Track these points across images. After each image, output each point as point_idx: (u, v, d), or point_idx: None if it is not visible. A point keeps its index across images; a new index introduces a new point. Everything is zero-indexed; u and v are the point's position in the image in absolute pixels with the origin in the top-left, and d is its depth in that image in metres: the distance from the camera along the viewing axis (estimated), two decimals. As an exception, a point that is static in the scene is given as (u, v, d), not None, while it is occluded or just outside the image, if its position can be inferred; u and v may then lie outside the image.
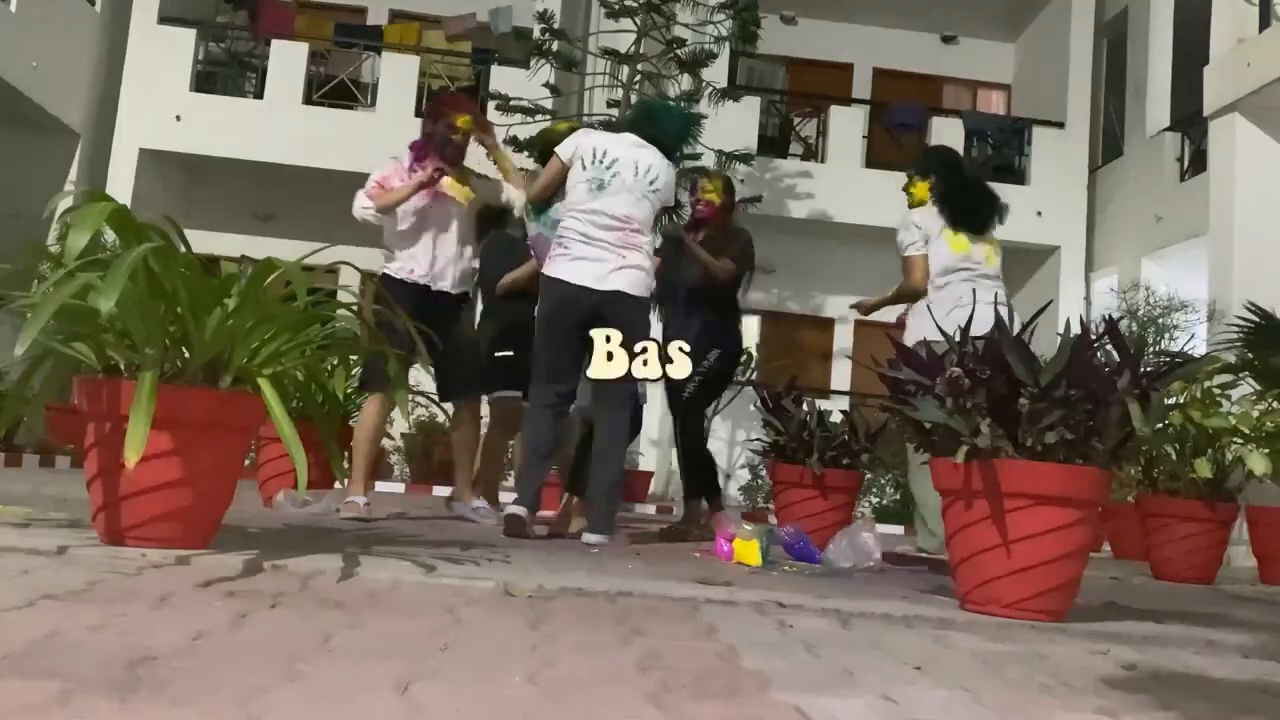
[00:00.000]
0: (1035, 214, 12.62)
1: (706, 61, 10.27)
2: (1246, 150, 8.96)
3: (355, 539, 3.36)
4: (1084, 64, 13.18)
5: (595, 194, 4.16)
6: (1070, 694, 1.77)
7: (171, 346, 2.65)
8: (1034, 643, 2.33)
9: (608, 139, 4.31)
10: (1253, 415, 5.12)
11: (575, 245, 4.14)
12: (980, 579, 2.77)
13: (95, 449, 2.61)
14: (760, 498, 11.09)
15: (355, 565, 2.55)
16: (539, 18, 10.62)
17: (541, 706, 1.36)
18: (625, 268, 4.14)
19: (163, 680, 1.31)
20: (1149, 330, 9.53)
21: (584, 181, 4.18)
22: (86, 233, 2.42)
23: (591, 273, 4.11)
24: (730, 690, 1.55)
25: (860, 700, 1.56)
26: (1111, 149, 13.01)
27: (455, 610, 2.10)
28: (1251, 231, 8.79)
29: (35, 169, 10.89)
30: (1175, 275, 10.65)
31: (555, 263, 4.17)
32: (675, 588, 2.66)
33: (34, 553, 2.37)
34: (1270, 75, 8.37)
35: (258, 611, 1.88)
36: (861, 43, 14.49)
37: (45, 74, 10.52)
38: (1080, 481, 2.75)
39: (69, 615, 1.70)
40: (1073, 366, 2.75)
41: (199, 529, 2.64)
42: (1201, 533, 5.19)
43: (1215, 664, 2.29)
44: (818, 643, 2.07)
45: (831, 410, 5.53)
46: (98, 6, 11.78)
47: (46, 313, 2.33)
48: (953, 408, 2.83)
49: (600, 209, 4.14)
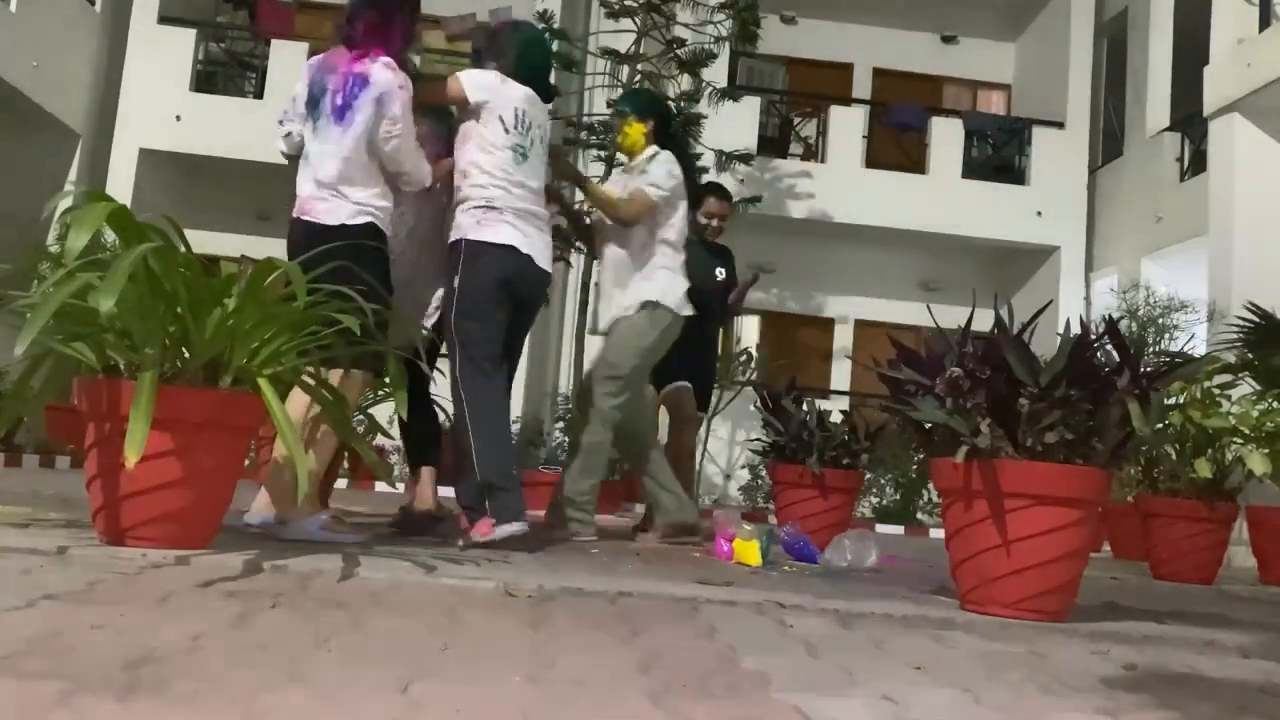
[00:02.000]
0: (1035, 214, 12.63)
1: (706, 61, 10.26)
2: (1246, 150, 8.96)
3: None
4: (1084, 64, 13.18)
5: (519, 164, 3.74)
6: (1070, 694, 1.77)
7: (171, 346, 2.65)
8: (1034, 643, 2.33)
9: (521, 97, 3.80)
10: (1253, 415, 5.12)
11: (509, 215, 3.70)
12: (980, 579, 2.77)
13: (95, 449, 2.61)
14: (760, 498, 11.09)
15: (355, 565, 2.55)
16: (539, 18, 10.61)
17: (541, 706, 1.36)
18: (548, 247, 3.88)
19: (163, 680, 1.31)
20: (1149, 330, 9.53)
21: (507, 148, 3.72)
22: (86, 233, 2.42)
23: (540, 246, 3.78)
24: (730, 690, 1.55)
25: (860, 700, 1.56)
26: (1111, 149, 13.01)
27: (455, 610, 2.10)
28: (1251, 231, 8.79)
29: (35, 169, 10.89)
30: (1175, 275, 10.64)
31: (498, 228, 3.67)
32: (675, 588, 2.66)
33: (34, 553, 2.37)
34: (1270, 75, 8.37)
35: (258, 611, 1.88)
36: (861, 43, 14.49)
37: (45, 74, 10.52)
38: (1080, 481, 2.75)
39: (69, 615, 1.70)
40: (1073, 366, 2.75)
41: (199, 529, 2.64)
42: (1201, 533, 5.19)
43: (1215, 664, 2.29)
44: (818, 643, 2.07)
45: (831, 410, 5.53)
46: (98, 6, 11.78)
47: (46, 313, 2.33)
48: (953, 408, 2.83)
49: (523, 180, 3.75)
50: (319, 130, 3.40)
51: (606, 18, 10.65)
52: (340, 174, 3.34)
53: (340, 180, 3.34)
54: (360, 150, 3.36)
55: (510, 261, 3.67)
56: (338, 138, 3.36)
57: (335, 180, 3.34)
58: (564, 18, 11.47)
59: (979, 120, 13.69)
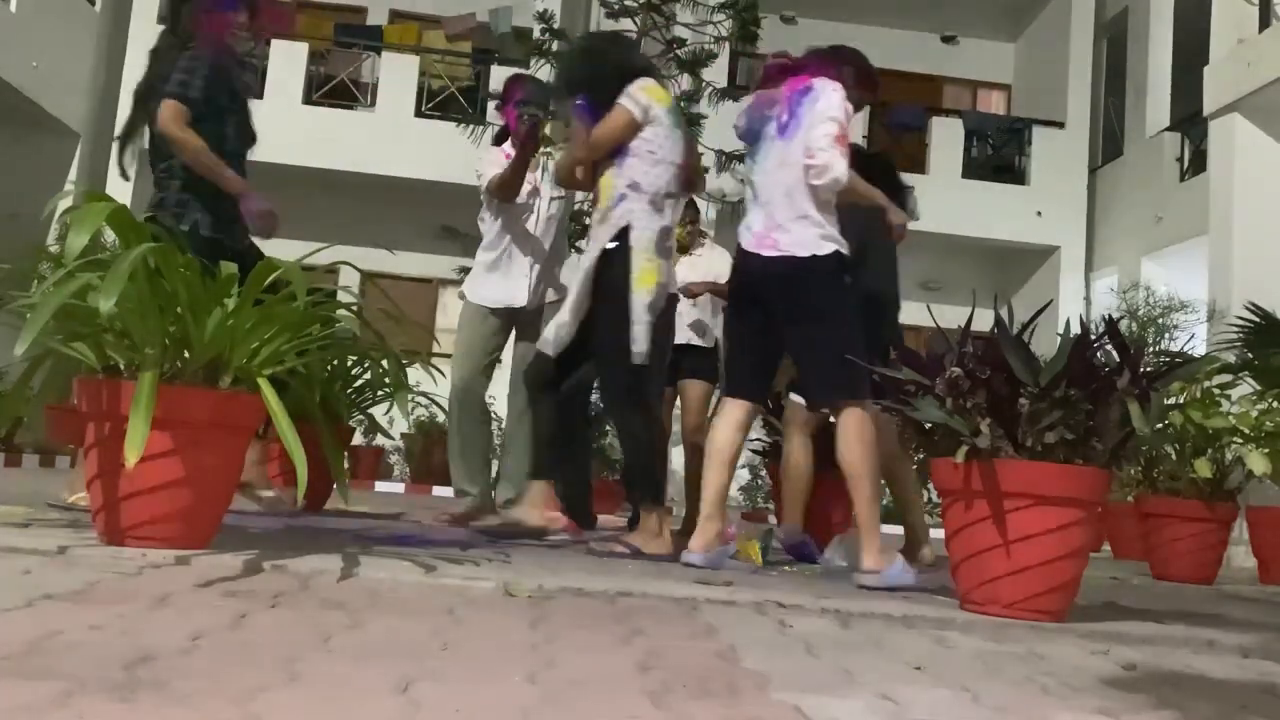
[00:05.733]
0: (1035, 214, 12.64)
1: (706, 61, 10.26)
2: (1246, 150, 8.96)
3: (355, 539, 3.36)
4: (1084, 64, 13.19)
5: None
6: (1070, 694, 1.76)
7: (171, 346, 2.64)
8: (1034, 643, 2.33)
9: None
10: (1252, 415, 5.12)
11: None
12: (980, 579, 2.77)
13: (95, 449, 2.61)
14: (760, 498, 11.09)
15: (355, 565, 2.55)
16: (539, 18, 10.62)
17: (541, 706, 1.36)
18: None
19: (163, 680, 1.31)
20: (1149, 330, 9.54)
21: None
22: (86, 233, 2.42)
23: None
24: (730, 690, 1.55)
25: (860, 700, 1.56)
26: (1111, 149, 13.02)
27: (455, 610, 2.09)
28: (1251, 231, 8.79)
29: (35, 169, 10.89)
30: (1175, 275, 10.66)
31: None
32: (675, 588, 2.66)
33: (34, 553, 2.37)
34: (1270, 75, 8.37)
35: (258, 611, 1.88)
36: (861, 43, 14.39)
37: (45, 74, 10.52)
38: (1080, 481, 2.75)
39: (69, 615, 1.70)
40: (1073, 366, 2.75)
41: (199, 529, 2.64)
42: (1201, 533, 5.19)
43: (1215, 664, 2.29)
44: (818, 643, 2.07)
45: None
46: (98, 6, 11.79)
47: (46, 313, 2.33)
48: (953, 408, 2.83)
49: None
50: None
51: (606, 18, 10.65)
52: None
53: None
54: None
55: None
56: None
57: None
58: (564, 18, 11.49)
59: (979, 120, 13.70)
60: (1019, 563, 2.70)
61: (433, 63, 12.90)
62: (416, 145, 11.65)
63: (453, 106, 12.44)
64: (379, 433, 4.87)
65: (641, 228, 3.69)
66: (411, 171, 11.66)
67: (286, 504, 4.21)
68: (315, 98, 12.31)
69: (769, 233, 3.46)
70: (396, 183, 11.94)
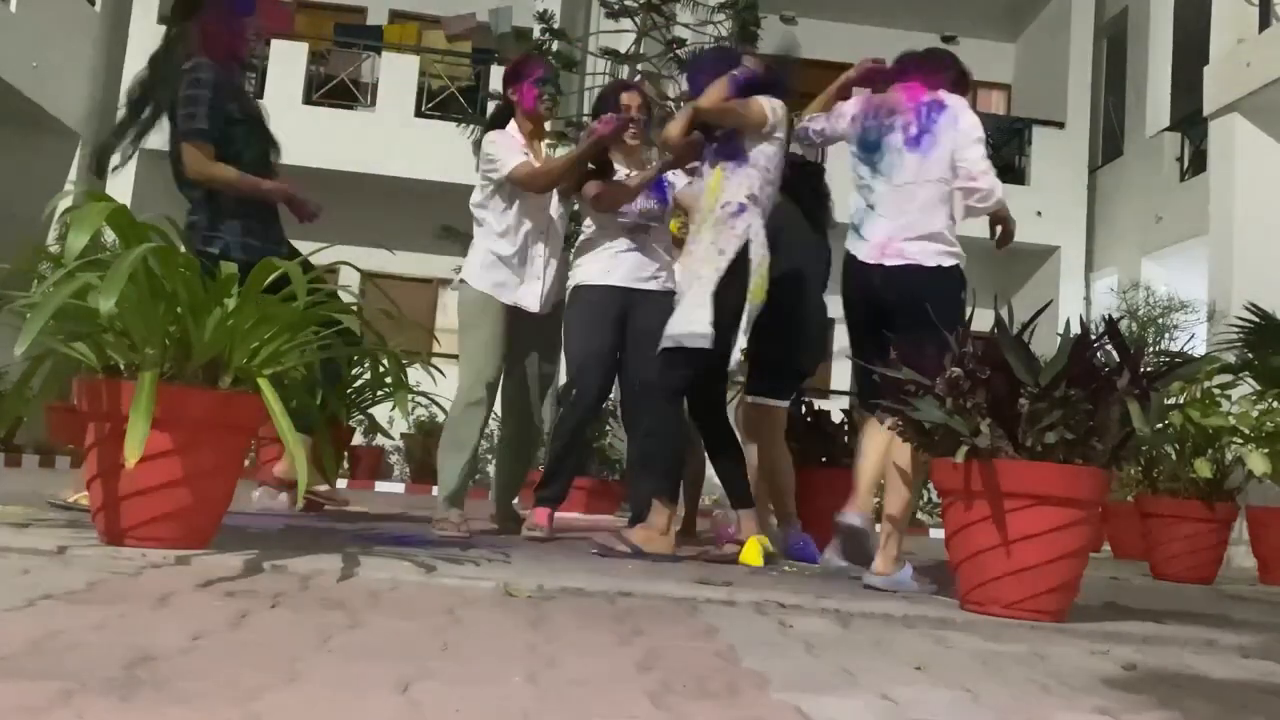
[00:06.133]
0: (1035, 214, 12.62)
1: (707, 61, 10.25)
2: (1246, 150, 8.95)
3: (355, 539, 3.36)
4: (1084, 64, 13.18)
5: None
6: (1070, 694, 1.77)
7: (171, 346, 2.64)
8: (1034, 643, 2.33)
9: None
10: (1252, 415, 5.12)
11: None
12: (980, 579, 2.77)
13: (95, 449, 2.61)
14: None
15: (355, 565, 2.55)
16: (539, 18, 10.61)
17: (541, 706, 1.36)
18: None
19: (163, 680, 1.31)
20: (1149, 330, 9.53)
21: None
22: (86, 233, 2.42)
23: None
24: (730, 690, 1.55)
25: (860, 700, 1.56)
26: (1111, 149, 13.01)
27: (455, 610, 2.10)
28: (1251, 231, 8.79)
29: (35, 169, 10.89)
30: (1175, 275, 10.65)
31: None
32: (675, 588, 2.66)
33: (34, 553, 2.37)
34: (1270, 75, 8.37)
35: (258, 611, 1.88)
36: (861, 43, 14.47)
37: (45, 74, 10.52)
38: (1080, 481, 2.75)
39: (69, 615, 1.70)
40: (1073, 366, 2.75)
41: (199, 529, 2.64)
42: (1201, 533, 5.19)
43: (1215, 664, 2.29)
44: (818, 643, 2.07)
45: (831, 410, 5.53)
46: (98, 6, 11.78)
47: (46, 313, 2.33)
48: (953, 408, 2.83)
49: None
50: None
51: (606, 18, 10.65)
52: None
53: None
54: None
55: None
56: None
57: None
58: (564, 18, 11.48)
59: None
60: (1019, 563, 2.70)
61: (433, 63, 12.89)
62: (416, 145, 11.64)
63: (453, 107, 12.43)
64: (379, 433, 4.85)
65: (758, 244, 3.76)
66: (411, 171, 11.66)
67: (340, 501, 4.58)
68: (315, 98, 12.29)
69: (892, 241, 3.53)
70: (396, 183, 11.93)
